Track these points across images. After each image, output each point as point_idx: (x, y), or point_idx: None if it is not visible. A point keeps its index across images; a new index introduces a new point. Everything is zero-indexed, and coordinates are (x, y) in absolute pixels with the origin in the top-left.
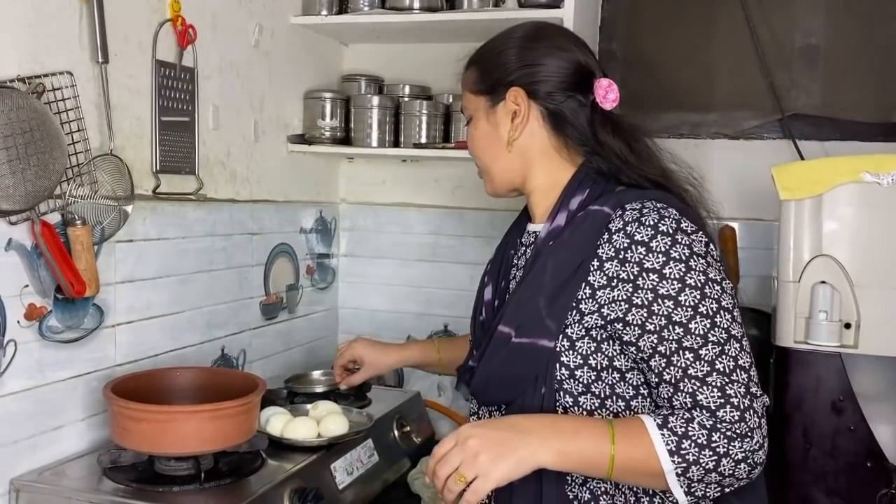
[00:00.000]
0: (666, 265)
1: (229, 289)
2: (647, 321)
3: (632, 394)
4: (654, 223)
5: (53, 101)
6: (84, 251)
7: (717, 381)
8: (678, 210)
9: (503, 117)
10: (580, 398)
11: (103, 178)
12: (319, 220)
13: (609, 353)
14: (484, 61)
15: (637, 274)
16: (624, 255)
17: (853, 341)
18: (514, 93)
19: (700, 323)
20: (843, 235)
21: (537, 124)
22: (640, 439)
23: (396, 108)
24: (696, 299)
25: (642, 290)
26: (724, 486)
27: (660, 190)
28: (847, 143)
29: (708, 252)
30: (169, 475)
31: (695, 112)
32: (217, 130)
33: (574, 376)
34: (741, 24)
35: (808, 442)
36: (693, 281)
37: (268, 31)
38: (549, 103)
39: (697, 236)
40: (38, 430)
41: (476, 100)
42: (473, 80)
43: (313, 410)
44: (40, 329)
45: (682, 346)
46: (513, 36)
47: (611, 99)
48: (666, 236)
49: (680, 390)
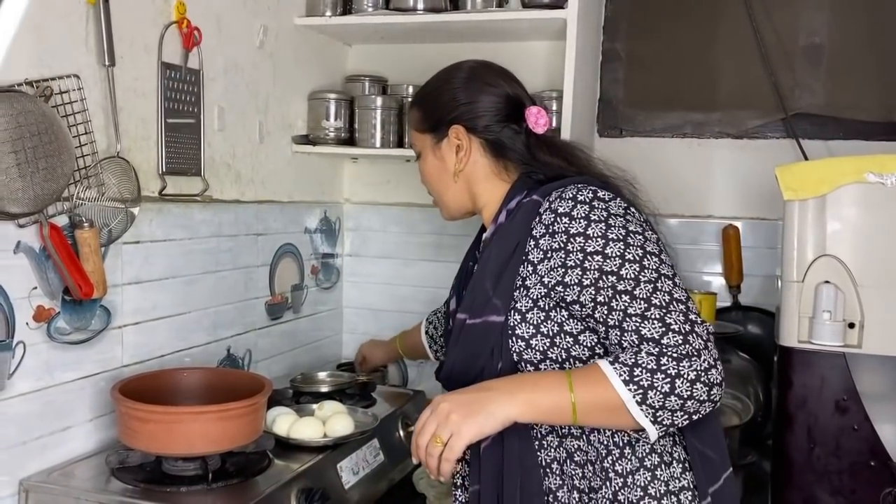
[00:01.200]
0: (588, 227)
1: (235, 289)
2: (583, 277)
3: (588, 354)
4: (573, 195)
5: (61, 104)
6: (91, 253)
7: (656, 314)
8: (597, 186)
9: (448, 152)
10: (540, 365)
11: (110, 181)
12: (324, 220)
13: (558, 320)
14: (425, 102)
15: (566, 241)
16: (552, 228)
17: (857, 341)
18: (455, 130)
19: (629, 268)
20: (846, 235)
21: (479, 154)
22: (596, 378)
23: (400, 109)
24: (620, 249)
25: (573, 253)
26: (689, 411)
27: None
28: (850, 143)
29: (626, 212)
30: (177, 475)
31: (698, 111)
32: (222, 132)
33: (531, 346)
34: (745, 23)
35: (812, 441)
36: (614, 235)
37: (272, 33)
38: (488, 135)
39: (615, 202)
40: (47, 431)
41: (422, 137)
42: (417, 120)
43: (319, 410)
44: (49, 330)
45: (617, 290)
46: (449, 78)
47: (541, 124)
48: (584, 204)
49: (625, 330)
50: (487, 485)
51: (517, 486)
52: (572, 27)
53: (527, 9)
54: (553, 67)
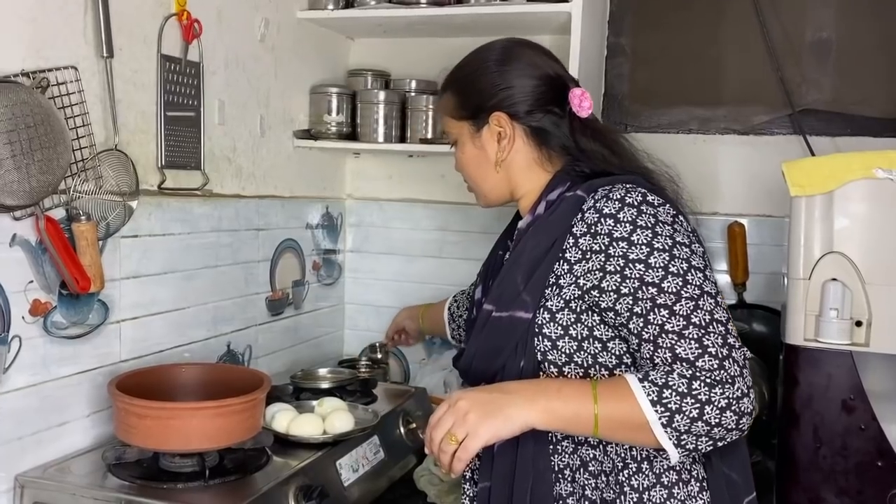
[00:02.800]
0: (633, 233)
1: (235, 285)
2: (622, 285)
3: (614, 362)
4: (620, 197)
5: (58, 95)
6: (89, 247)
7: (694, 334)
8: (646, 189)
9: (489, 140)
10: (564, 368)
11: (108, 174)
12: (326, 215)
13: (589, 324)
14: (461, 87)
15: (608, 244)
16: (595, 229)
17: (864, 339)
18: (497, 117)
19: (672, 281)
20: (854, 232)
21: (522, 142)
22: (622, 393)
23: (403, 103)
24: (665, 260)
25: (614, 258)
26: (715, 438)
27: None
28: (858, 139)
29: (675, 221)
30: (174, 472)
31: (704, 107)
32: (223, 125)
33: (556, 347)
34: (751, 17)
35: (818, 441)
36: (660, 244)
37: (274, 26)
38: (531, 121)
39: (664, 208)
40: (43, 426)
41: (459, 125)
42: (453, 107)
43: (319, 407)
44: (45, 325)
45: (656, 303)
46: (485, 60)
47: (585, 107)
48: (632, 207)
49: (659, 346)
50: (498, 483)
51: (528, 490)
52: (577, 21)
53: (531, 2)
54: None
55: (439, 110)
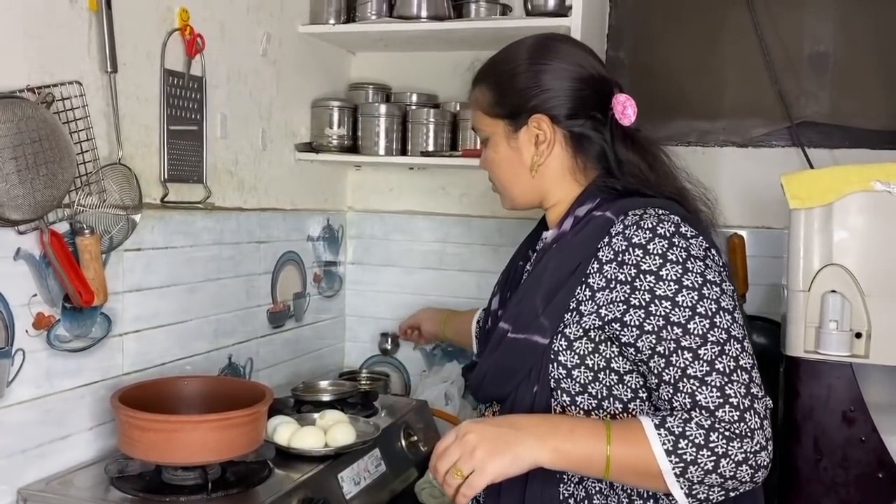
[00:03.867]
0: (663, 267)
1: (237, 297)
2: (645, 321)
3: (629, 396)
4: (652, 226)
5: (62, 110)
6: (92, 260)
7: (717, 381)
8: (680, 216)
9: (526, 143)
10: (577, 398)
11: (111, 188)
12: (327, 227)
13: (607, 355)
14: (498, 83)
15: (634, 275)
16: (622, 258)
17: (864, 351)
18: (538, 119)
19: (699, 323)
20: (853, 244)
21: (560, 148)
22: (636, 438)
23: (404, 117)
24: (693, 300)
25: (639, 292)
26: (728, 489)
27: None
28: (856, 151)
29: (707, 255)
30: (176, 485)
31: (703, 120)
32: (225, 139)
33: (571, 376)
34: (749, 31)
35: (819, 453)
36: (690, 282)
37: (276, 40)
38: (573, 126)
39: (697, 241)
40: (46, 440)
41: (493, 122)
42: (489, 103)
43: (320, 420)
44: (48, 338)
45: (680, 345)
46: (527, 55)
47: (629, 115)
48: (663, 239)
49: (679, 391)
50: None
51: None
52: (576, 35)
53: (531, 17)
54: None
55: (472, 104)
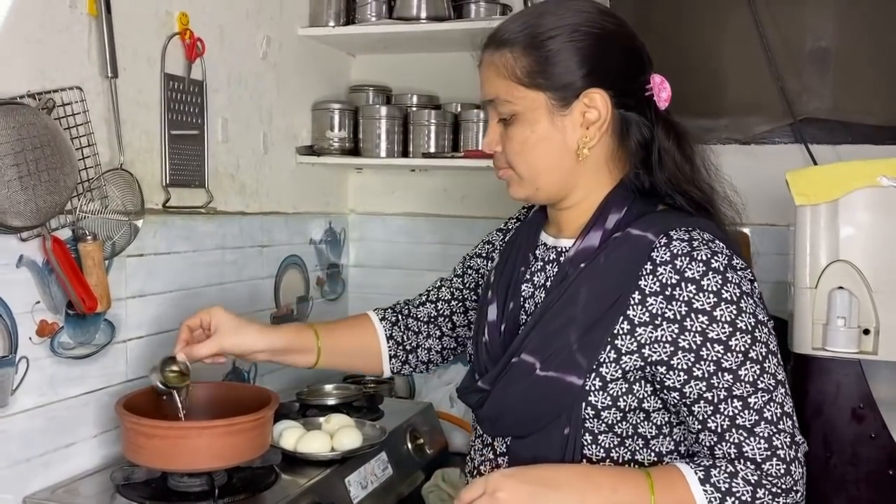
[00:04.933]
0: (717, 306)
1: (240, 302)
2: (695, 366)
3: (654, 433)
4: (706, 259)
5: (63, 116)
6: (95, 266)
7: (765, 432)
8: (724, 243)
9: (573, 123)
10: (600, 437)
11: (113, 193)
12: (329, 231)
13: (640, 395)
14: (541, 45)
15: (685, 314)
16: (671, 292)
17: (872, 347)
18: (598, 96)
19: (750, 369)
20: (860, 240)
21: (608, 132)
22: (681, 495)
23: (405, 118)
24: (746, 344)
25: (690, 333)
26: None
27: (703, 213)
28: (859, 147)
29: (753, 290)
30: (182, 492)
31: (705, 118)
32: (226, 143)
33: (599, 416)
34: (750, 28)
35: (829, 450)
36: (744, 324)
37: (276, 43)
38: (626, 108)
39: (745, 273)
40: (51, 448)
41: (531, 95)
42: (528, 71)
43: (326, 424)
44: (52, 345)
45: (731, 394)
46: (583, 14)
47: (664, 98)
48: (717, 274)
49: (725, 440)
50: None
51: None
52: None
53: None
54: None
55: (491, 71)
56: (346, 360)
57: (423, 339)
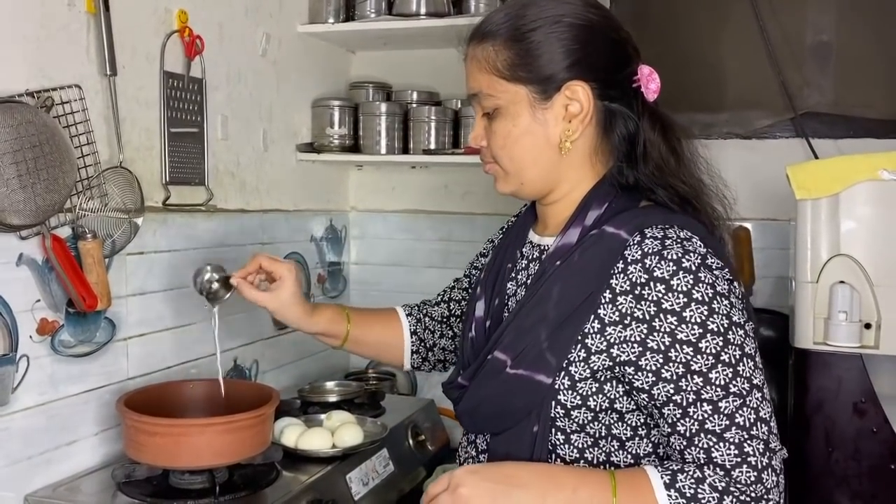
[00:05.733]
0: (687, 307)
1: (240, 299)
2: (663, 368)
3: (629, 434)
4: (676, 258)
5: (62, 114)
6: (95, 264)
7: (736, 438)
8: (703, 242)
9: (555, 116)
10: (572, 436)
11: (113, 191)
12: (330, 228)
13: (611, 396)
14: (522, 37)
15: (654, 314)
16: (640, 292)
17: (874, 342)
18: (580, 88)
19: (721, 372)
20: (861, 234)
21: (591, 125)
22: (644, 498)
23: (405, 115)
24: (718, 346)
25: (659, 333)
26: None
27: (687, 208)
28: (861, 141)
29: (731, 290)
30: (184, 489)
31: (706, 112)
32: (226, 141)
33: (570, 416)
34: (751, 22)
35: (830, 445)
36: (716, 326)
37: (275, 40)
38: (610, 100)
39: (722, 273)
40: (52, 446)
41: (512, 89)
42: (508, 63)
43: (327, 421)
44: (53, 344)
45: (700, 397)
46: (559, 9)
47: (652, 90)
48: (688, 274)
49: (694, 444)
50: None
51: None
52: None
53: None
54: None
55: (473, 64)
56: (369, 350)
57: (437, 338)
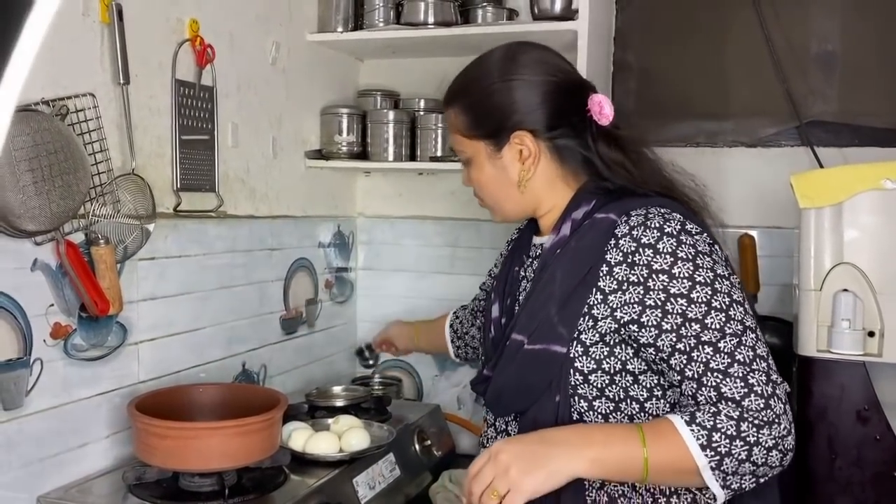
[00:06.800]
0: (674, 265)
1: (249, 304)
2: (663, 321)
3: (646, 396)
4: (658, 225)
5: (77, 122)
6: (107, 270)
7: (739, 372)
8: (682, 214)
9: (511, 161)
10: (594, 402)
11: (126, 198)
12: (337, 234)
13: (622, 358)
14: (472, 104)
15: (647, 276)
16: (633, 259)
17: (877, 349)
18: (520, 136)
19: (715, 317)
20: (864, 243)
21: (546, 159)
22: (670, 438)
23: (412, 122)
24: (707, 295)
25: (654, 292)
26: (759, 476)
27: (664, 198)
28: (866, 150)
29: (713, 251)
30: (193, 491)
31: (711, 120)
32: (236, 148)
33: (588, 381)
34: (756, 30)
35: (834, 452)
36: (702, 278)
37: (284, 49)
38: (555, 136)
39: (702, 237)
40: (64, 448)
41: (473, 144)
42: (466, 126)
43: (335, 425)
44: (65, 347)
45: (700, 340)
46: (496, 71)
47: (606, 114)
48: (671, 238)
49: (704, 385)
50: None
51: None
52: (584, 39)
53: (537, 21)
54: None
55: (448, 126)
56: (432, 350)
57: (469, 327)
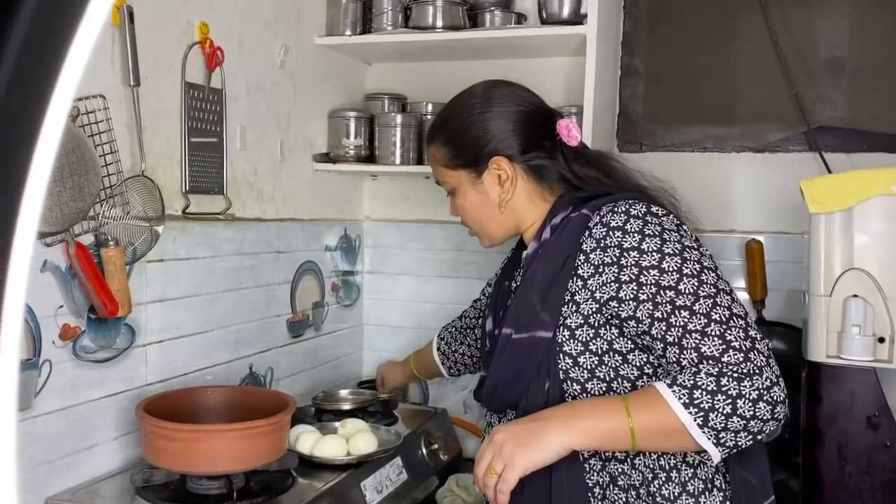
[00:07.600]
0: (643, 241)
1: (257, 307)
2: (639, 292)
3: (636, 374)
4: (625, 209)
5: (87, 123)
6: (117, 272)
7: (717, 330)
8: (647, 202)
9: (491, 185)
10: (587, 384)
11: (135, 200)
12: (344, 237)
13: (608, 338)
14: (452, 137)
15: (619, 255)
16: (604, 242)
17: (887, 356)
18: (497, 161)
19: (688, 283)
20: (874, 248)
21: (522, 180)
22: (654, 401)
23: (420, 126)
24: (678, 263)
25: (627, 268)
26: (753, 431)
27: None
28: (874, 155)
29: (680, 228)
30: (201, 494)
31: (719, 125)
32: (244, 150)
33: (578, 364)
34: (764, 36)
35: (843, 458)
36: (670, 249)
37: (293, 52)
38: (529, 159)
39: (668, 218)
40: (72, 450)
41: (455, 174)
42: (448, 157)
43: (342, 428)
44: (74, 349)
45: (675, 305)
46: (471, 106)
47: (574, 136)
48: (637, 219)
49: (685, 348)
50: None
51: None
52: (592, 43)
53: (546, 25)
54: (572, 83)
55: (431, 161)
56: (428, 376)
57: (457, 345)
